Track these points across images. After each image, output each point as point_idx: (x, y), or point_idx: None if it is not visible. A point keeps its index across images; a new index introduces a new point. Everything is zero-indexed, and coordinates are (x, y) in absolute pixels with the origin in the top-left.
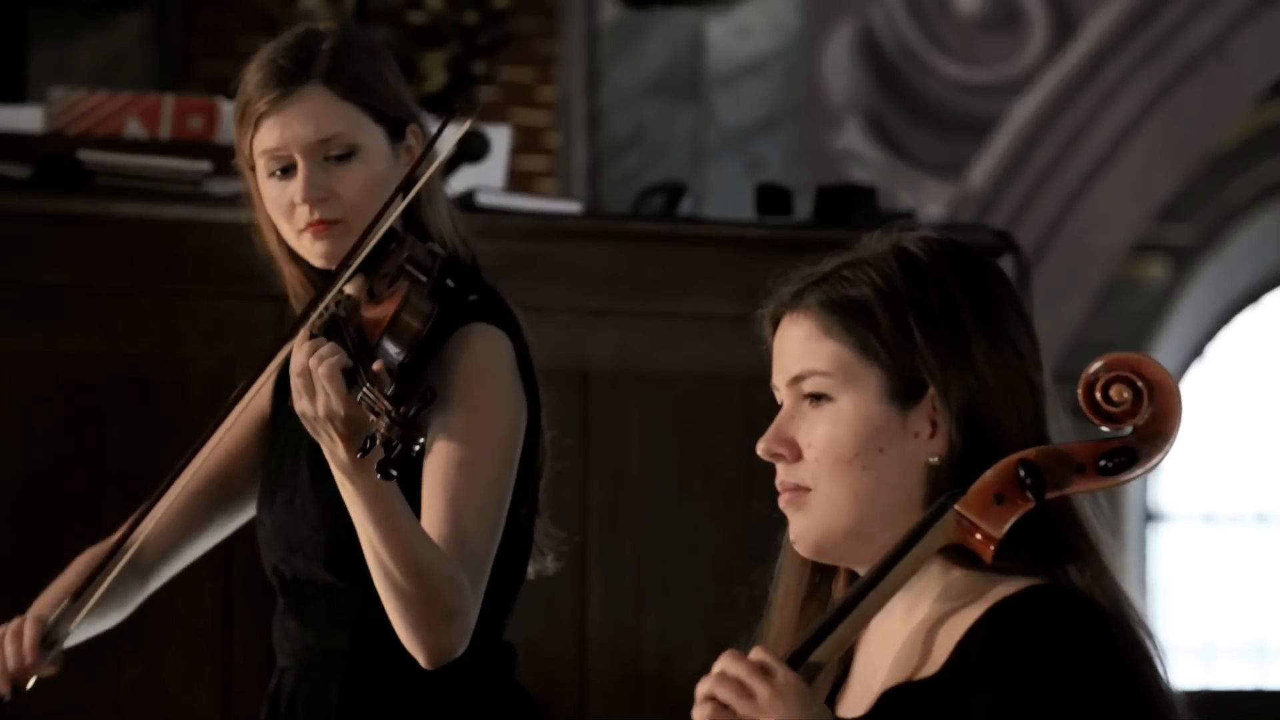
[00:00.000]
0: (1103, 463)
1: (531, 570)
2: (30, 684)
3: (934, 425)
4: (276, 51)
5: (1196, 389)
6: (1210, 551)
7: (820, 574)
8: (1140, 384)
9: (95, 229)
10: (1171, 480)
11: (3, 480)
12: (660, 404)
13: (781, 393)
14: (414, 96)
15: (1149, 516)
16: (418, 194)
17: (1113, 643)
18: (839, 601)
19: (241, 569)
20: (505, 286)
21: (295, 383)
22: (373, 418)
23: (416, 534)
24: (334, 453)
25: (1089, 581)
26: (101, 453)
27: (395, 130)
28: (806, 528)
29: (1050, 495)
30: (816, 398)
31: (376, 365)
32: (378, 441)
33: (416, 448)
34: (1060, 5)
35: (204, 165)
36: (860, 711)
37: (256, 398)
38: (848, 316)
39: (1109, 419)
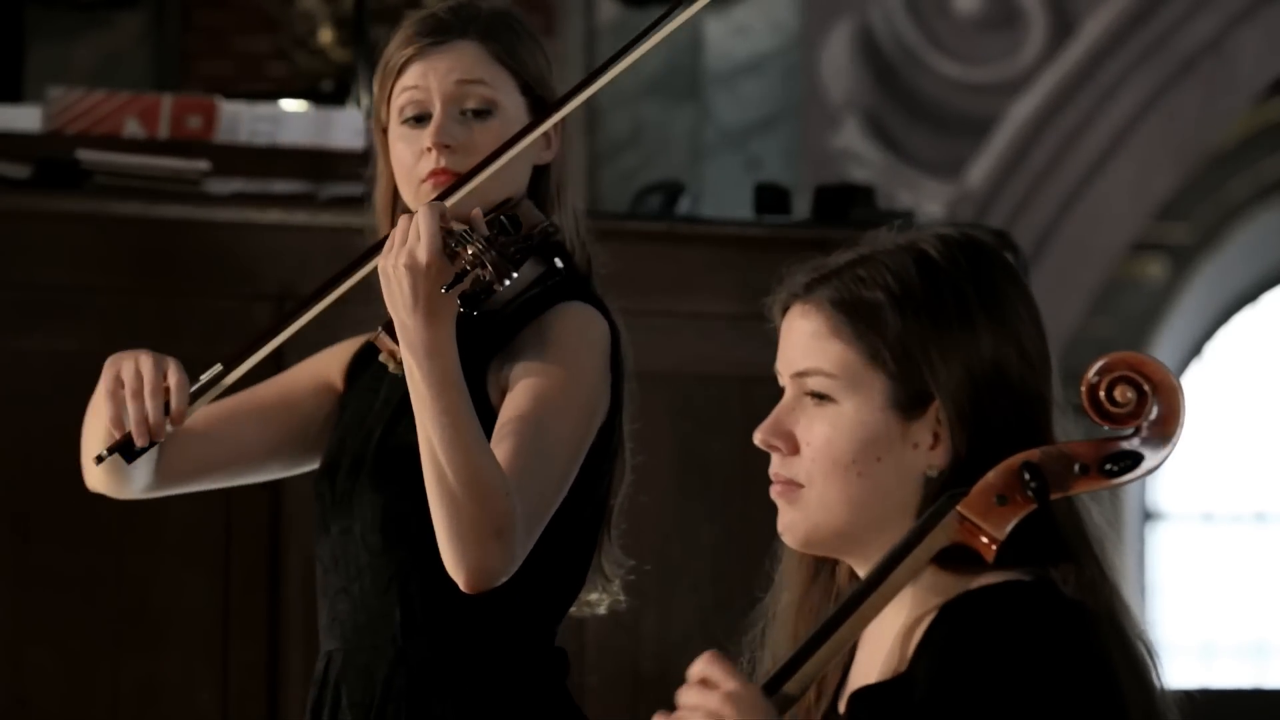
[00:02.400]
0: (1107, 465)
1: (604, 604)
2: (165, 437)
3: (936, 437)
4: (437, 8)
5: (1195, 388)
6: (1209, 551)
7: (820, 563)
8: (1144, 384)
9: (94, 229)
10: (1170, 480)
11: (1, 480)
12: (658, 403)
13: (783, 380)
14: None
15: (1148, 516)
16: (549, 187)
17: (1080, 637)
18: (840, 603)
19: (240, 569)
20: None
21: (392, 238)
22: (466, 252)
23: (477, 440)
24: (406, 322)
25: (1078, 581)
26: None
27: (538, 108)
28: (795, 521)
29: (1053, 497)
30: (819, 396)
31: (475, 213)
32: (468, 271)
33: (507, 282)
34: (1059, 5)
35: (202, 165)
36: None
37: (331, 369)
38: (858, 319)
39: (1112, 419)
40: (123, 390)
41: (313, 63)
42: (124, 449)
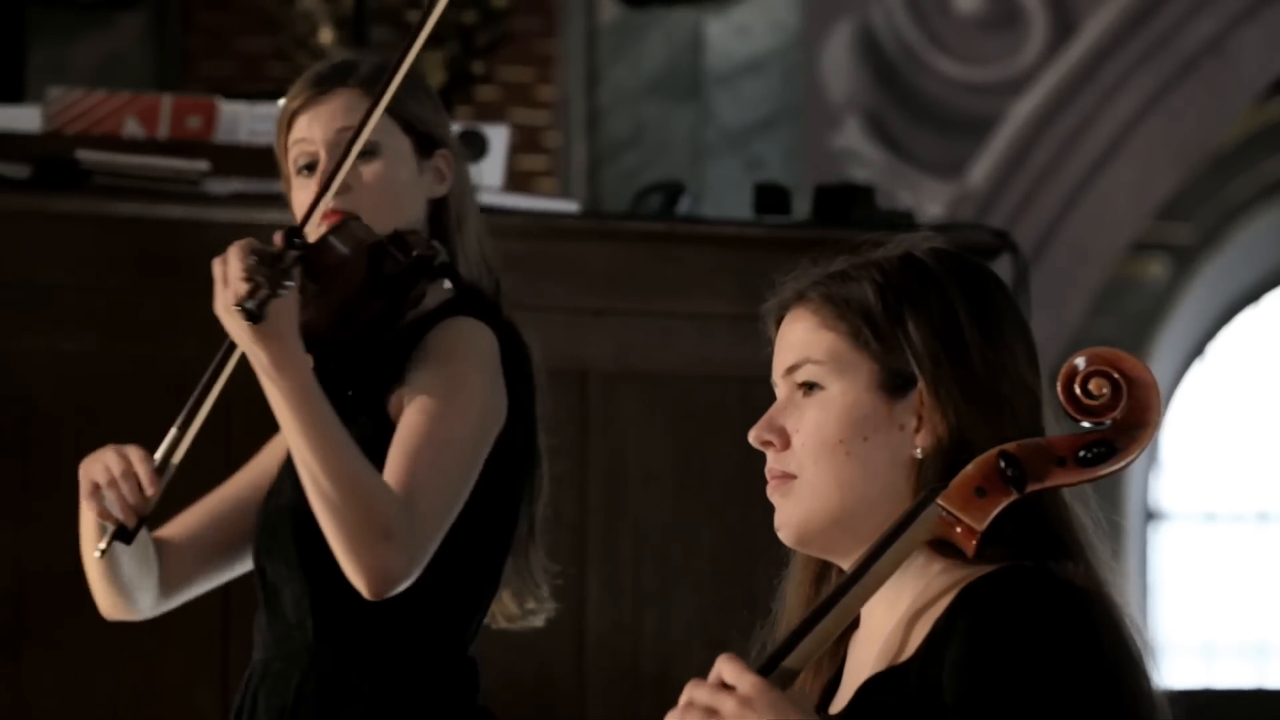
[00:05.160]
0: (1082, 454)
1: (539, 616)
2: (149, 512)
3: (920, 419)
4: (321, 64)
5: (1197, 388)
6: (1211, 550)
7: (825, 573)
8: (1118, 377)
9: (93, 229)
10: (1172, 479)
11: (1, 480)
12: (658, 403)
13: (779, 387)
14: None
15: (1150, 515)
16: (449, 219)
17: (1088, 622)
18: (823, 597)
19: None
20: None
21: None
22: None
23: (347, 445)
24: (252, 350)
25: (1074, 573)
26: None
27: (424, 146)
28: (790, 514)
29: (1031, 487)
30: (809, 387)
31: (277, 240)
32: (255, 290)
33: (282, 293)
34: (1059, 4)
35: (202, 165)
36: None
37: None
38: (843, 305)
39: (1088, 412)
40: (100, 489)
41: (313, 63)
42: (119, 533)
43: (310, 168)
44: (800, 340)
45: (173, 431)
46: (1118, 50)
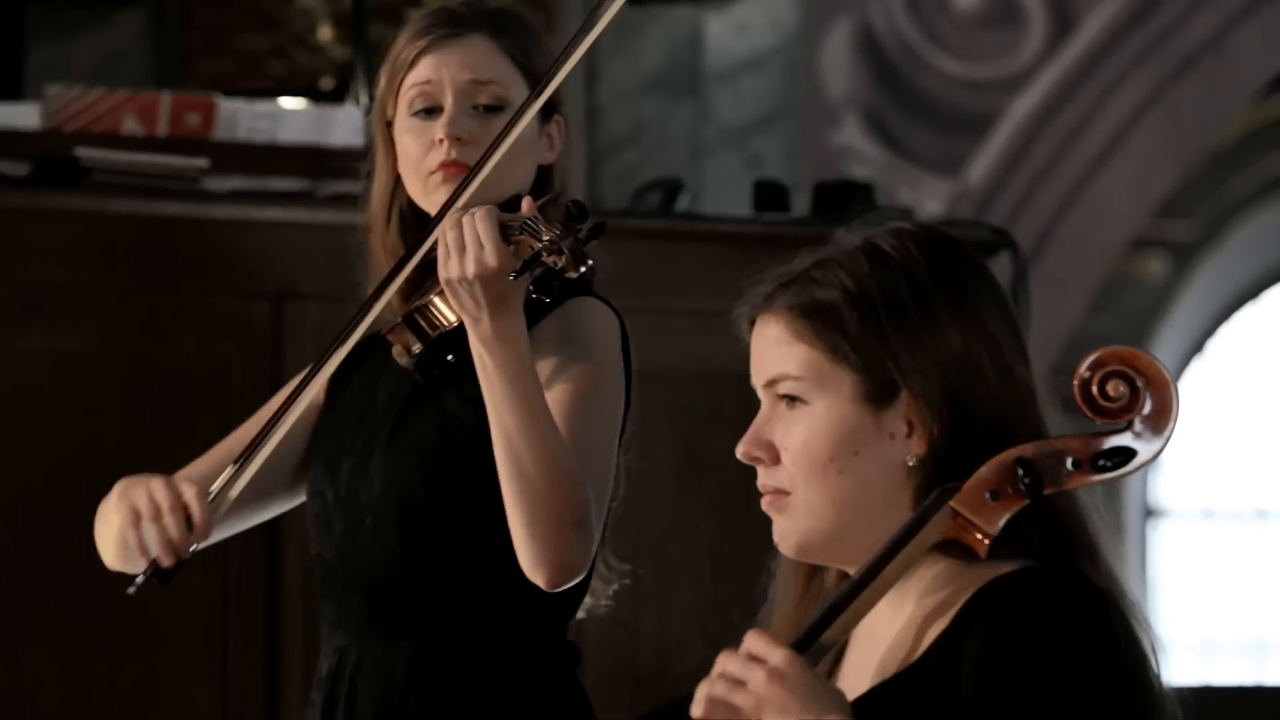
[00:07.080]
0: (1101, 460)
1: (598, 606)
2: (190, 554)
3: (910, 425)
4: (448, 3)
5: (1196, 385)
6: (1210, 548)
7: (816, 571)
8: (1136, 379)
9: (92, 226)
10: (1171, 476)
11: (0, 479)
12: (657, 401)
13: (760, 394)
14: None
15: (1149, 512)
16: (553, 187)
17: (1106, 621)
18: (830, 600)
19: (238, 566)
20: None
21: (445, 242)
22: (535, 240)
23: (552, 428)
24: (479, 319)
25: (1090, 571)
26: (98, 450)
27: (545, 109)
28: (787, 531)
29: (1046, 492)
30: (791, 399)
31: (526, 206)
32: (540, 259)
33: (583, 269)
34: (1059, 2)
35: (201, 162)
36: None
37: (313, 390)
38: (816, 319)
39: (1105, 414)
40: (141, 520)
41: (312, 60)
42: (156, 572)
43: (430, 111)
44: (775, 353)
45: (230, 468)
46: (1117, 48)
